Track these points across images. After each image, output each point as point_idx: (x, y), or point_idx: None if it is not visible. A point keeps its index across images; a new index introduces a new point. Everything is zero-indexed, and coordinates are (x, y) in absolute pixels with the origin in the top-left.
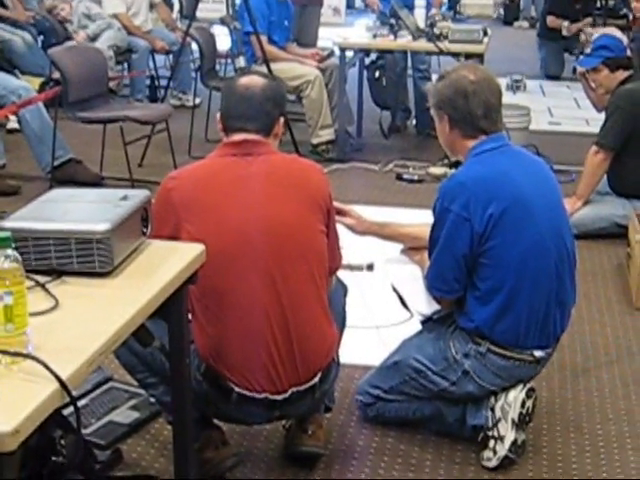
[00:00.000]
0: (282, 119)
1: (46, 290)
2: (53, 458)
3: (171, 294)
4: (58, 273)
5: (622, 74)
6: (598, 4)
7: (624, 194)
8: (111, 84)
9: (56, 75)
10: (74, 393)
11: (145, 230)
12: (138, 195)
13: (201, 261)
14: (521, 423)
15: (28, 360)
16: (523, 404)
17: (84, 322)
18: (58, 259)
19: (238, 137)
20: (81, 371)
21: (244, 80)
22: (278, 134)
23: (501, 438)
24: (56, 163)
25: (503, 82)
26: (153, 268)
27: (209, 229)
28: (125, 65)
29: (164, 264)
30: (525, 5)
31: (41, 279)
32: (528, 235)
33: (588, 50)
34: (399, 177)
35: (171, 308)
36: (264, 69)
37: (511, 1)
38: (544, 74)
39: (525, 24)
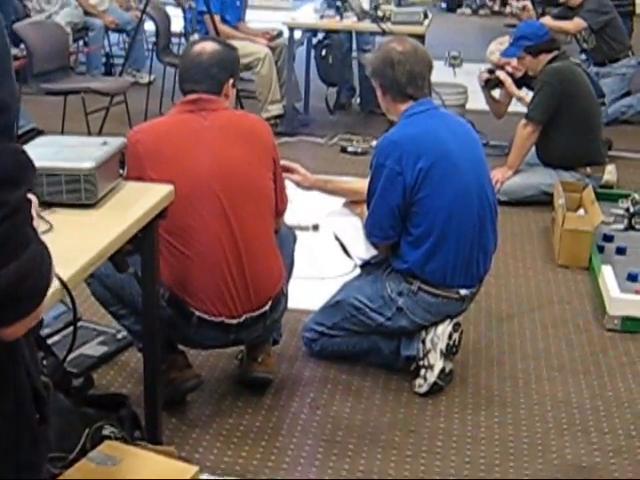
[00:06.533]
0: (231, 80)
1: (41, 217)
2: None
3: (144, 226)
4: (49, 205)
5: (546, 57)
6: None
7: (551, 164)
8: None
9: (16, 50)
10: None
11: (122, 172)
12: (116, 141)
13: (170, 199)
14: (448, 353)
15: None
16: (450, 336)
17: (76, 241)
18: (49, 192)
19: (192, 96)
20: (77, 275)
21: (196, 47)
22: (228, 94)
23: (431, 367)
24: (19, 132)
25: (441, 62)
26: (130, 202)
27: (169, 177)
28: (81, 42)
29: (139, 200)
30: None
31: None
32: (454, 186)
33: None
34: (343, 150)
35: (144, 239)
36: None
37: None
38: None
39: (468, 11)
